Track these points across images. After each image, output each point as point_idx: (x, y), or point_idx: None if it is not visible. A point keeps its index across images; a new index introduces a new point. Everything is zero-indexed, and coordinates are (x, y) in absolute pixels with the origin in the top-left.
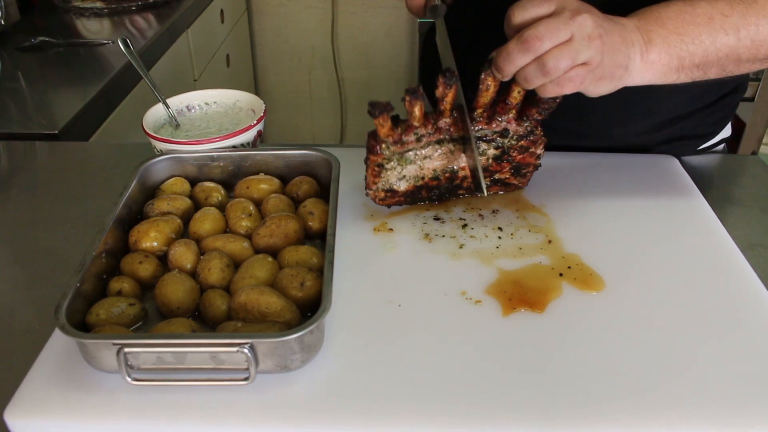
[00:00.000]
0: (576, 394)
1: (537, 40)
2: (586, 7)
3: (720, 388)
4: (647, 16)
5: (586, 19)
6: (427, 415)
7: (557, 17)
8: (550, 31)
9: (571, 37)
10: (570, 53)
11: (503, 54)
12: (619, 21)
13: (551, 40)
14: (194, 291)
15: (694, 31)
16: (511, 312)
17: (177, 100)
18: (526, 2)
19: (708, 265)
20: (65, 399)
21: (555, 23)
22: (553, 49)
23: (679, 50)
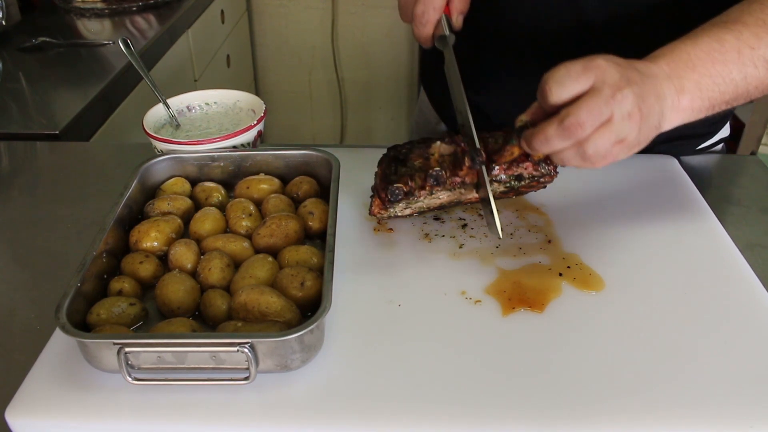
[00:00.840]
0: (576, 393)
1: (579, 127)
2: (625, 74)
3: (719, 388)
4: (677, 59)
5: (626, 96)
6: (427, 414)
7: (598, 97)
8: (593, 117)
9: (611, 117)
10: (610, 136)
11: (540, 137)
12: (651, 73)
13: (593, 125)
14: (194, 291)
15: (724, 70)
16: (510, 312)
17: (177, 101)
18: (563, 77)
19: (707, 265)
20: (66, 399)
21: (597, 106)
22: (594, 133)
23: (710, 92)
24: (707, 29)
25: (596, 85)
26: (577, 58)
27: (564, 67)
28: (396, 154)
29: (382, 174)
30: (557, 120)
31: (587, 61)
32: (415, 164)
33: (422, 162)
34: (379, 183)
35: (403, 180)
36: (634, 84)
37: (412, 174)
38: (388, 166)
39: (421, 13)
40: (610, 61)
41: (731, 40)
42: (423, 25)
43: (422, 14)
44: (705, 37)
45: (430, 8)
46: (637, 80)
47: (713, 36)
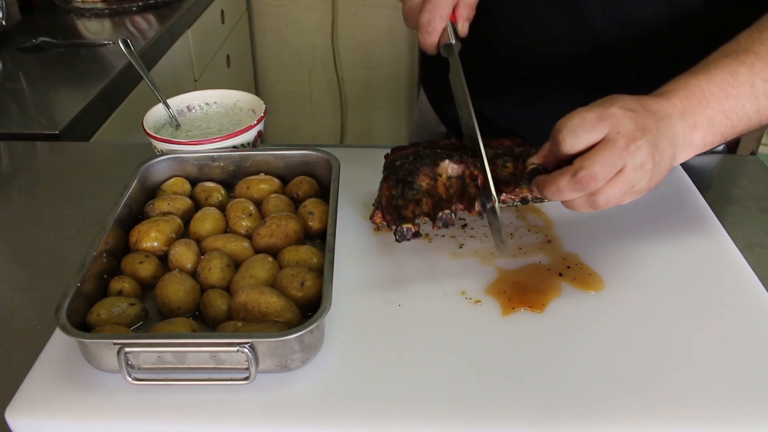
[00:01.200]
0: (575, 393)
1: (592, 179)
2: (640, 123)
3: (719, 388)
4: (690, 95)
5: (640, 147)
6: (427, 414)
7: (612, 148)
8: (606, 170)
9: (623, 168)
10: (622, 187)
11: (552, 188)
12: (665, 113)
13: (605, 178)
14: (194, 291)
15: (737, 105)
16: (510, 312)
17: (177, 101)
18: (578, 127)
19: (707, 265)
20: (66, 399)
21: (610, 158)
22: (606, 185)
23: (723, 127)
24: (720, 61)
25: (610, 135)
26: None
27: (579, 116)
28: (404, 176)
29: (389, 195)
30: (570, 172)
31: (602, 110)
32: (422, 186)
33: (429, 183)
34: (385, 205)
35: (410, 208)
36: (648, 133)
37: (419, 199)
38: (395, 187)
39: (427, 21)
40: (625, 107)
41: (744, 72)
42: (429, 33)
43: (428, 22)
44: (718, 70)
45: (436, 16)
46: (651, 128)
47: (726, 69)
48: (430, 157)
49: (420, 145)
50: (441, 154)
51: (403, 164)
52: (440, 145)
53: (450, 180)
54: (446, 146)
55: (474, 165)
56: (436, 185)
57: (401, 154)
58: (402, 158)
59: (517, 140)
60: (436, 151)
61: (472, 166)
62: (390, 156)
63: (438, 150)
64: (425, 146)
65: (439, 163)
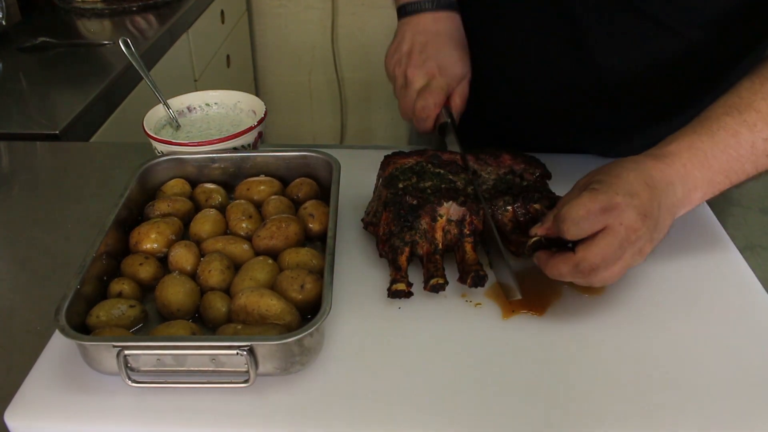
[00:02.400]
0: (576, 396)
1: (593, 270)
2: (642, 210)
3: (719, 390)
4: (693, 159)
5: (641, 237)
6: (427, 418)
7: (613, 240)
8: (606, 260)
9: (623, 255)
10: (620, 271)
11: (554, 271)
12: (667, 180)
13: (606, 267)
14: (194, 293)
15: (737, 165)
16: (510, 315)
17: (178, 101)
18: (581, 219)
19: (707, 266)
20: (65, 401)
21: (611, 250)
22: (604, 270)
23: (722, 185)
24: (722, 120)
25: (613, 226)
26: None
27: (584, 208)
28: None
29: (387, 231)
30: (572, 263)
31: (607, 201)
32: (421, 224)
33: (428, 223)
34: (383, 238)
35: (405, 253)
36: (649, 218)
37: (415, 241)
38: (395, 221)
39: (421, 108)
40: (629, 193)
41: (745, 133)
42: (424, 120)
43: (423, 109)
44: (721, 131)
45: (431, 103)
46: (653, 211)
47: (729, 130)
48: (432, 188)
49: (423, 157)
50: (443, 191)
51: (406, 188)
52: (443, 160)
53: (449, 224)
54: (449, 165)
55: (476, 213)
56: (435, 228)
57: (402, 165)
58: (403, 174)
59: (518, 158)
60: (438, 172)
61: (474, 213)
62: (389, 164)
63: (440, 171)
64: (428, 159)
65: (443, 203)
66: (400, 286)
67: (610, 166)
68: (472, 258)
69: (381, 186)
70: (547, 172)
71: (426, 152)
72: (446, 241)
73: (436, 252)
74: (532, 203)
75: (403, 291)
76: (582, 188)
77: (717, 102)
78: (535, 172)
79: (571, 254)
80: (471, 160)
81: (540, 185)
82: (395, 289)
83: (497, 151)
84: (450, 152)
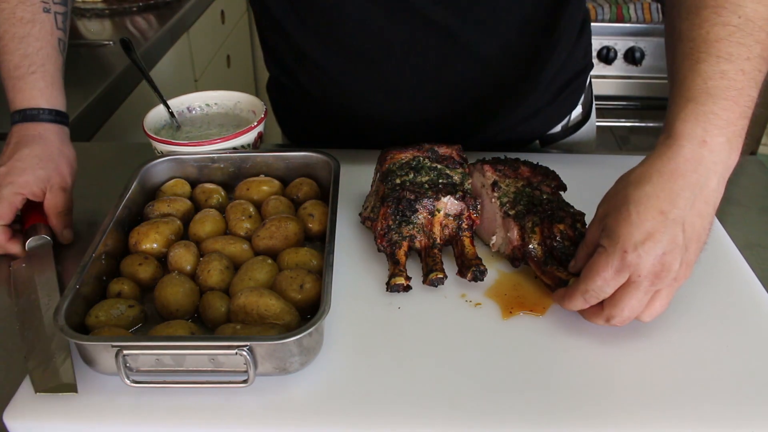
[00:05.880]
0: (576, 396)
1: (624, 322)
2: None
3: (719, 389)
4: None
5: (669, 270)
6: (427, 418)
7: (635, 293)
8: (635, 310)
9: (654, 293)
10: (662, 304)
11: (573, 308)
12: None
13: (636, 314)
14: (194, 293)
15: (743, 99)
16: (510, 315)
17: (178, 101)
18: (600, 289)
19: (706, 264)
20: (64, 401)
21: (638, 301)
22: (643, 315)
23: (745, 126)
24: (701, 73)
25: (633, 279)
26: None
27: (599, 278)
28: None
29: (385, 225)
30: (603, 318)
31: (617, 264)
32: (419, 219)
33: (426, 217)
34: (380, 233)
35: (404, 247)
36: (672, 251)
37: (413, 236)
38: (393, 216)
39: None
40: (639, 244)
41: (728, 68)
42: None
43: None
44: (710, 82)
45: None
46: (677, 240)
47: (715, 77)
48: (430, 183)
49: (420, 152)
50: (440, 186)
51: (403, 183)
52: (441, 155)
53: (447, 218)
54: (446, 160)
55: (473, 207)
56: (433, 222)
57: (399, 160)
58: (400, 169)
59: (536, 170)
60: (436, 167)
61: (472, 208)
62: (387, 159)
63: (438, 166)
64: (425, 154)
65: (441, 197)
66: (399, 279)
67: (617, 200)
68: (471, 252)
69: (378, 181)
70: (562, 183)
71: (423, 147)
72: (444, 236)
73: (434, 246)
74: (557, 224)
75: (402, 285)
76: (599, 224)
77: (676, 60)
78: (551, 184)
79: (600, 309)
80: (489, 171)
81: (556, 198)
82: (394, 283)
83: (515, 162)
84: (447, 146)
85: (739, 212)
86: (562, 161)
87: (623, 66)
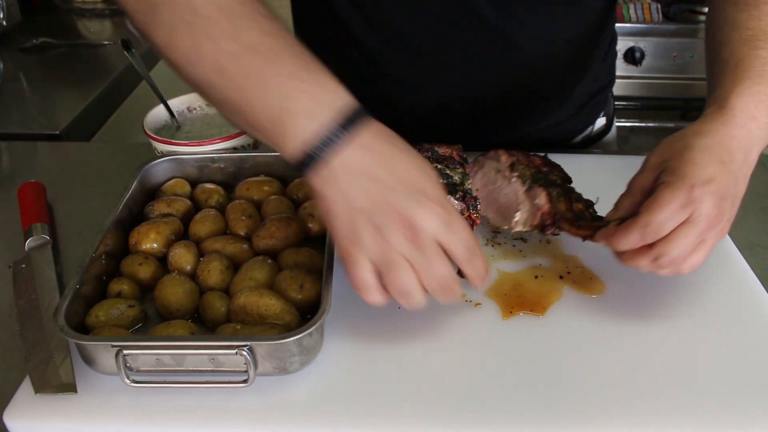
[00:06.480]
0: (576, 396)
1: (671, 263)
2: (719, 193)
3: (719, 390)
4: (760, 106)
5: (721, 219)
6: (426, 418)
7: (692, 232)
8: (685, 252)
9: (704, 241)
10: (704, 256)
11: (631, 263)
12: (741, 150)
13: (684, 258)
14: (194, 293)
15: None
16: (510, 315)
17: (178, 101)
18: (662, 221)
19: (707, 265)
20: (64, 401)
21: (691, 243)
22: (687, 261)
23: None
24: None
25: (692, 218)
26: None
27: (665, 210)
28: None
29: None
30: (651, 256)
31: (684, 198)
32: None
33: None
34: None
35: None
36: (727, 198)
37: None
38: None
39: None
40: (707, 179)
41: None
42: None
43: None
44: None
45: None
46: (730, 190)
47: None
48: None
49: (420, 152)
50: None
51: None
52: (440, 155)
53: None
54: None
55: (473, 207)
56: None
57: None
58: None
59: (545, 161)
60: (436, 166)
61: (472, 208)
62: None
63: (438, 166)
64: (425, 154)
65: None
66: None
67: (677, 146)
68: None
69: None
70: (568, 176)
71: (423, 147)
72: None
73: None
74: (576, 202)
75: None
76: (653, 170)
77: (731, 44)
78: (559, 175)
79: (648, 249)
80: (505, 155)
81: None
82: None
83: (525, 152)
84: (447, 146)
85: (739, 212)
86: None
87: (623, 66)
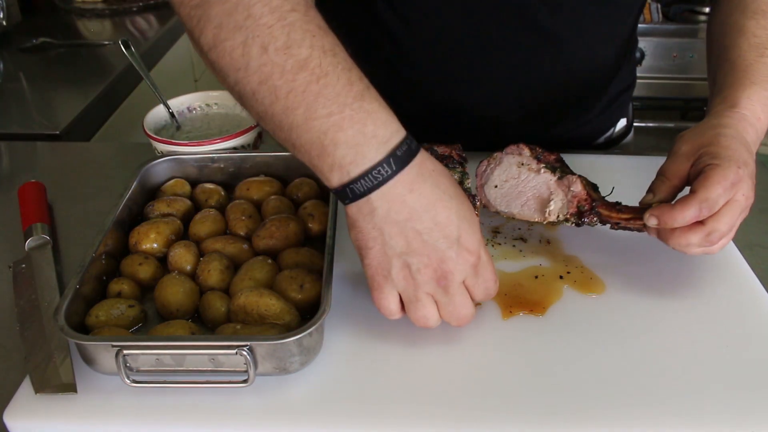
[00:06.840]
0: (576, 397)
1: (721, 237)
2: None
3: (719, 390)
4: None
5: (751, 198)
6: (426, 418)
7: (737, 209)
8: (732, 226)
9: (740, 219)
10: (733, 234)
11: (682, 241)
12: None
13: (727, 231)
14: (194, 293)
15: None
16: (510, 315)
17: (178, 101)
18: (718, 196)
19: (707, 265)
20: (64, 401)
21: (735, 217)
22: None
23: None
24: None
25: (736, 197)
26: None
27: (720, 186)
28: None
29: None
30: (703, 233)
31: (734, 177)
32: None
33: None
34: None
35: None
36: (754, 181)
37: None
38: None
39: None
40: (744, 165)
41: None
42: None
43: None
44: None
45: None
46: (753, 170)
47: None
48: None
49: None
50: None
51: None
52: (440, 154)
53: None
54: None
55: (473, 206)
56: None
57: None
58: None
59: (557, 157)
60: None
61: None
62: None
63: None
64: None
65: None
66: None
67: (709, 135)
68: None
69: None
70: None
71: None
72: None
73: None
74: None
75: None
76: (688, 157)
77: (739, 48)
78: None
79: (700, 225)
80: (527, 149)
81: None
82: None
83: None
84: (446, 146)
85: None
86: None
87: None
